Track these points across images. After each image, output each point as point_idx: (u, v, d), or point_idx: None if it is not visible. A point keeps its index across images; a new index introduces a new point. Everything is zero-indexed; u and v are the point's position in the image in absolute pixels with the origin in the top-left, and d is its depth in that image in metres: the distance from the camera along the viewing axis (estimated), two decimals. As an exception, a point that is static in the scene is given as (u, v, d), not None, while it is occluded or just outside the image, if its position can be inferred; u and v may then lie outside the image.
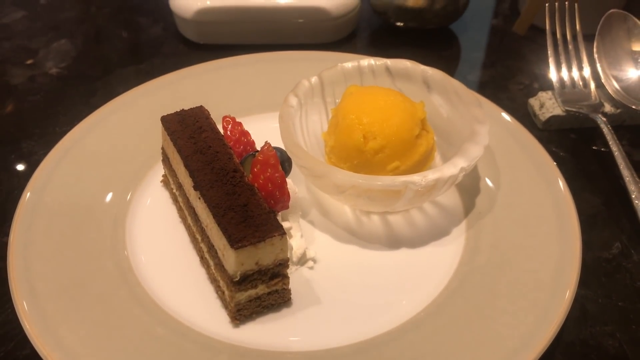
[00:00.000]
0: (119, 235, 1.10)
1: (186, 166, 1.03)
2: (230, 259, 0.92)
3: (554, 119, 1.38)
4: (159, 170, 1.22)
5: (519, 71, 1.58)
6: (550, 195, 1.14)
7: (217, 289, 1.01)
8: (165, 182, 1.19)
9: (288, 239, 0.99)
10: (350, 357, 0.93)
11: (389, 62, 1.26)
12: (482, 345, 0.93)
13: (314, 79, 1.23)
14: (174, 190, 1.15)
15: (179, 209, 1.14)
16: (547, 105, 1.40)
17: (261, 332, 0.98)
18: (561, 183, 1.15)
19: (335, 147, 1.14)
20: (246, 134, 1.13)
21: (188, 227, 1.10)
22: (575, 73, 1.43)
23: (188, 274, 1.06)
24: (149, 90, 1.36)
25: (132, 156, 1.23)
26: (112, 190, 1.17)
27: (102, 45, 1.65)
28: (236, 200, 0.97)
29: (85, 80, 1.53)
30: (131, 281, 1.03)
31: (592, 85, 1.41)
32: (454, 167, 1.05)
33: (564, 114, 1.38)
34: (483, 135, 1.11)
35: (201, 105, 1.14)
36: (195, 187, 1.00)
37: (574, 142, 1.38)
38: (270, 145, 1.02)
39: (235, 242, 0.91)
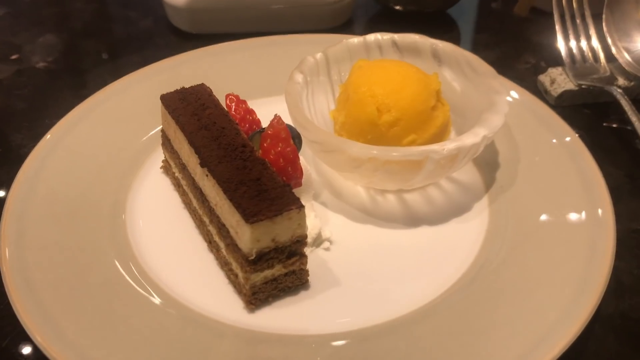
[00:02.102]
0: (119, 223, 1.03)
1: (191, 143, 0.96)
2: (245, 235, 0.85)
3: (566, 94, 1.33)
4: (158, 157, 1.15)
5: (524, 51, 1.54)
6: (574, 164, 1.08)
7: (229, 273, 0.94)
8: (166, 168, 1.12)
9: (304, 215, 0.92)
10: (374, 339, 0.86)
11: (396, 36, 1.20)
12: (521, 319, 0.86)
13: (319, 55, 1.17)
14: (176, 174, 1.07)
15: (182, 194, 1.07)
16: (558, 81, 1.35)
17: (278, 316, 0.91)
18: (585, 152, 1.09)
19: (346, 123, 1.08)
20: (251, 112, 1.06)
21: (193, 212, 1.03)
22: (584, 47, 1.38)
23: (196, 260, 0.99)
24: (143, 76, 1.29)
25: (129, 143, 1.16)
26: (109, 178, 1.09)
27: (90, 39, 1.58)
28: (248, 174, 0.90)
29: (75, 73, 1.46)
30: (136, 269, 0.95)
31: (603, 58, 1.36)
32: (475, 136, 0.99)
33: (576, 88, 1.33)
34: (502, 105, 1.05)
35: (202, 83, 1.08)
36: (202, 164, 0.93)
37: (588, 118, 1.33)
38: (280, 118, 0.96)
39: (250, 216, 0.84)
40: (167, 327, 0.87)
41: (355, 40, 1.20)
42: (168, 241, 1.01)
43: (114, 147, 1.15)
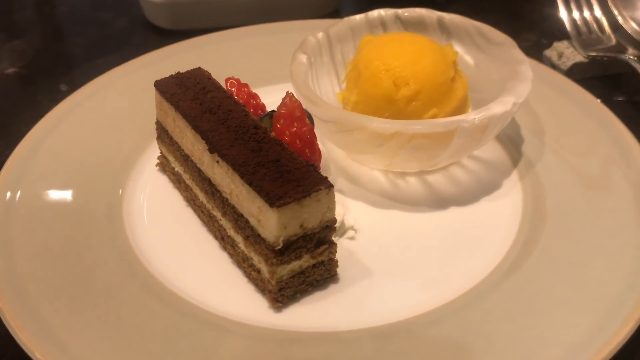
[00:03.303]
0: (116, 227, 0.92)
1: (195, 129, 0.86)
2: (271, 222, 0.75)
3: (577, 66, 1.27)
4: (152, 154, 1.04)
5: (522, 29, 1.47)
6: (605, 132, 1.02)
7: (250, 270, 0.83)
8: (163, 165, 1.01)
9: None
10: (422, 330, 0.77)
11: (399, 11, 1.12)
12: (581, 294, 0.78)
13: (320, 35, 1.08)
14: (176, 169, 0.97)
15: (184, 190, 0.96)
16: (566, 54, 1.29)
17: (309, 313, 0.81)
18: (613, 117, 1.03)
19: (359, 102, 0.99)
20: (255, 96, 0.96)
21: (199, 208, 0.92)
22: (588, 17, 1.32)
23: (208, 261, 0.88)
24: (128, 71, 1.19)
25: (118, 141, 1.05)
26: (100, 179, 0.98)
27: (63, 42, 1.48)
28: (265, 156, 0.80)
29: (49, 77, 1.34)
30: (141, 274, 0.84)
31: (608, 28, 1.30)
32: (505, 105, 0.92)
33: (586, 60, 1.27)
34: (527, 72, 0.97)
35: (199, 67, 0.98)
36: (212, 149, 0.83)
37: (601, 91, 1.26)
38: (293, 95, 0.86)
39: (276, 199, 0.74)
40: (188, 335, 0.76)
41: (357, 17, 1.12)
42: (174, 243, 0.91)
43: (102, 146, 1.04)
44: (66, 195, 0.95)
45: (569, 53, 1.29)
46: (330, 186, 0.77)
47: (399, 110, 0.96)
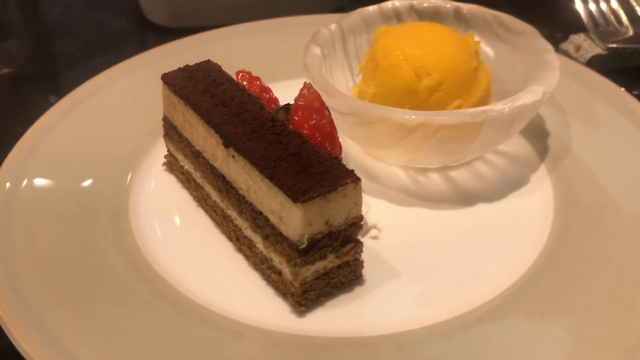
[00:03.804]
0: (123, 229, 0.86)
1: (208, 122, 0.81)
2: (295, 219, 0.69)
3: (596, 59, 1.23)
4: (158, 153, 0.98)
5: (534, 23, 1.41)
6: (633, 123, 0.97)
7: (269, 272, 0.77)
8: (170, 164, 0.95)
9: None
10: (459, 333, 0.71)
11: (414, 1, 1.07)
12: (628, 290, 0.73)
13: (333, 26, 1.03)
14: (185, 168, 0.91)
15: (195, 189, 0.90)
16: (584, 47, 1.25)
17: (334, 317, 0.75)
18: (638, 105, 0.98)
19: (377, 94, 0.93)
20: (267, 89, 0.91)
21: (212, 208, 0.87)
22: (606, 9, 1.28)
23: (221, 262, 0.83)
24: (131, 68, 1.13)
25: (122, 141, 1.00)
26: (104, 180, 0.93)
27: (59, 42, 1.42)
28: (285, 149, 0.74)
29: (45, 78, 1.29)
30: (151, 278, 0.78)
31: (626, 20, 1.26)
32: (535, 94, 0.87)
33: (605, 52, 1.23)
34: (554, 61, 0.93)
35: (208, 60, 0.92)
36: (226, 143, 0.77)
37: (621, 84, 1.21)
38: (311, 86, 0.81)
39: (300, 194, 0.68)
40: (204, 343, 0.70)
41: (370, 9, 1.07)
42: (185, 245, 0.85)
43: (104, 145, 0.98)
44: (68, 197, 0.89)
45: (586, 45, 1.25)
46: (357, 180, 0.71)
47: (421, 102, 0.91)
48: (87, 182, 0.91)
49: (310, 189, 0.69)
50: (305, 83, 0.80)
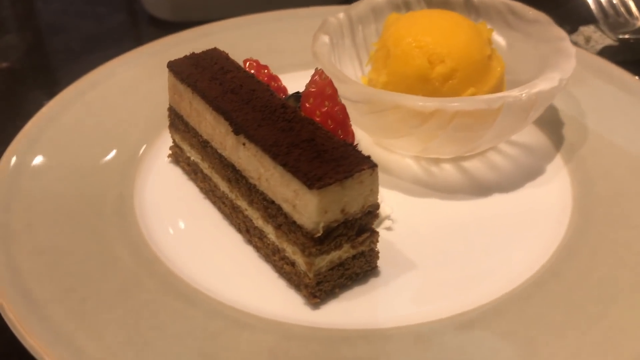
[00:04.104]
0: (129, 222, 0.83)
1: (217, 110, 0.78)
2: (310, 206, 0.66)
3: (607, 50, 1.21)
4: (162, 144, 0.95)
5: (542, 16, 1.41)
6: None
7: (281, 263, 0.75)
8: (176, 155, 0.93)
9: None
10: (473, 326, 0.69)
11: (424, -10, 1.05)
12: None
13: (341, 15, 1.01)
14: (192, 159, 0.88)
15: (202, 181, 0.88)
16: (594, 38, 1.23)
17: (350, 308, 0.73)
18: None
19: (389, 82, 0.91)
20: (275, 78, 0.88)
21: (221, 198, 0.84)
22: (615, 0, 1.26)
23: (231, 255, 0.80)
24: (133, 59, 1.10)
25: (125, 133, 0.97)
26: (108, 172, 0.90)
27: (58, 36, 1.39)
28: (297, 136, 0.72)
29: (44, 72, 1.27)
30: (160, 271, 0.76)
31: (636, 10, 1.25)
32: (552, 81, 0.84)
33: (616, 43, 1.21)
34: (569, 48, 0.91)
35: (215, 47, 0.90)
36: (237, 131, 0.75)
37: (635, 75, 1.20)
38: (323, 71, 0.78)
39: (315, 180, 0.66)
40: (217, 336, 0.67)
41: (378, -4, 1.04)
42: (193, 237, 0.82)
43: (108, 138, 0.95)
44: (70, 190, 0.86)
45: (596, 37, 1.23)
46: (373, 166, 0.69)
47: (434, 90, 0.88)
48: (90, 174, 0.89)
49: (325, 175, 0.66)
50: (316, 69, 0.78)
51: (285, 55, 1.12)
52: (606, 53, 1.21)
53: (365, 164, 0.68)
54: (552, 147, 0.94)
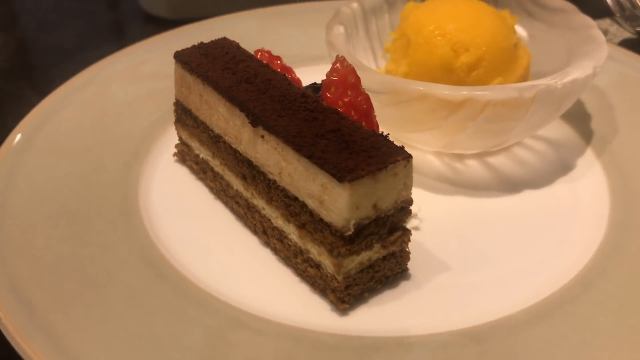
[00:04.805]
0: (134, 224, 0.76)
1: (231, 100, 0.72)
2: (340, 201, 0.60)
3: (625, 43, 1.16)
4: (167, 143, 0.89)
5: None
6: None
7: (304, 265, 0.69)
8: (182, 154, 0.87)
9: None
10: (517, 331, 0.63)
11: (440, -20, 0.99)
12: None
13: (355, 5, 0.95)
14: (201, 156, 0.82)
15: (212, 180, 0.81)
16: (611, 31, 1.19)
17: (381, 315, 0.67)
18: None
19: (410, 73, 0.86)
20: (289, 69, 0.82)
21: (234, 198, 0.78)
22: (631, -6, 1.22)
23: (246, 258, 0.74)
24: (133, 55, 1.04)
25: (127, 131, 0.91)
26: (110, 173, 0.84)
27: (50, 35, 1.33)
28: (322, 126, 0.66)
29: (36, 70, 1.20)
30: (171, 276, 0.69)
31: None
32: (585, 69, 0.79)
33: (635, 36, 1.17)
34: (599, 36, 0.86)
35: (224, 37, 0.84)
36: (254, 122, 0.69)
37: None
38: (345, 59, 0.72)
39: (346, 172, 0.60)
40: (238, 346, 0.61)
41: (392, -13, 0.99)
42: (204, 240, 0.76)
43: (108, 136, 0.89)
44: (69, 189, 0.80)
45: (614, 30, 1.19)
46: (408, 157, 0.63)
47: (459, 80, 0.83)
48: (90, 175, 0.82)
49: (357, 167, 0.61)
50: (337, 56, 0.72)
51: (296, 48, 1.06)
52: (625, 46, 1.16)
53: (399, 155, 0.62)
54: (580, 140, 0.90)
